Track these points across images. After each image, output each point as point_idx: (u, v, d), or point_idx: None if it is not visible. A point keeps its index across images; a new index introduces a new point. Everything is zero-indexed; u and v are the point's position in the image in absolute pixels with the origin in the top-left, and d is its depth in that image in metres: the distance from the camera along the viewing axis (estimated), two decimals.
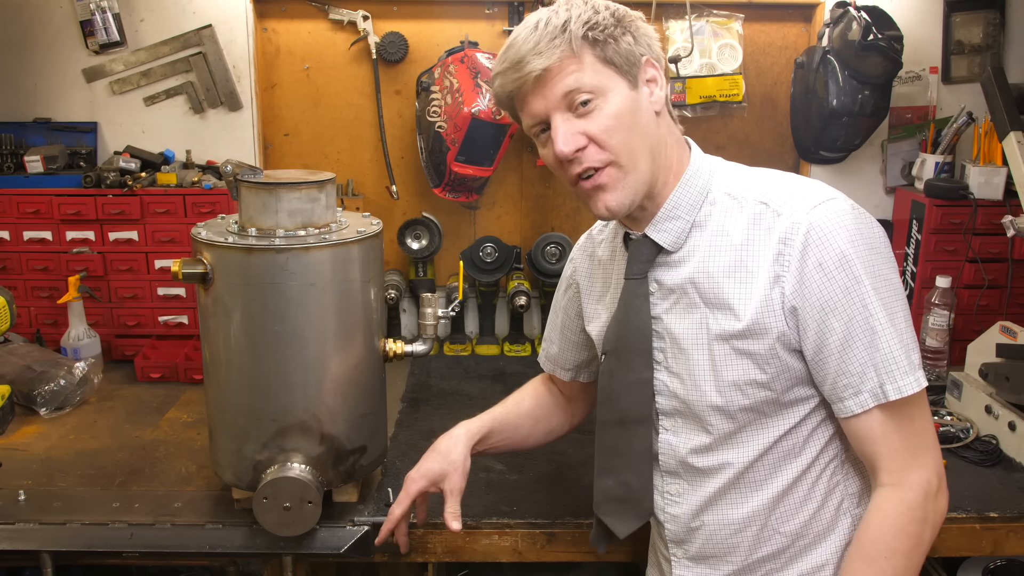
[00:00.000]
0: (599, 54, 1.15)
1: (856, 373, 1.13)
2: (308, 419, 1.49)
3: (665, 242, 1.24)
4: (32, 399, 2.01)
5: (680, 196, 1.23)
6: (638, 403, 1.28)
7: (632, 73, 1.17)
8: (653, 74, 1.21)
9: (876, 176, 2.56)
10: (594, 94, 1.15)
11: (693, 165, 1.25)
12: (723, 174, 1.26)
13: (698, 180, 1.24)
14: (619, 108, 1.16)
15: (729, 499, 1.25)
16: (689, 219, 1.23)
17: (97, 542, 1.56)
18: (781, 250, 1.14)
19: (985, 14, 2.46)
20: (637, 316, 1.26)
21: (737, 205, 1.21)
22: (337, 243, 1.45)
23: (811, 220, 1.13)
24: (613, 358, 1.31)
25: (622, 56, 1.16)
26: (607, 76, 1.16)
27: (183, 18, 2.40)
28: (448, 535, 1.59)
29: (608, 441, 1.34)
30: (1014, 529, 1.61)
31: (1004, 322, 1.92)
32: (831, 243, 1.12)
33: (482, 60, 2.33)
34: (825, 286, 1.12)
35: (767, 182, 1.22)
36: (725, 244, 1.20)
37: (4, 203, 2.25)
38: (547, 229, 2.61)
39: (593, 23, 1.15)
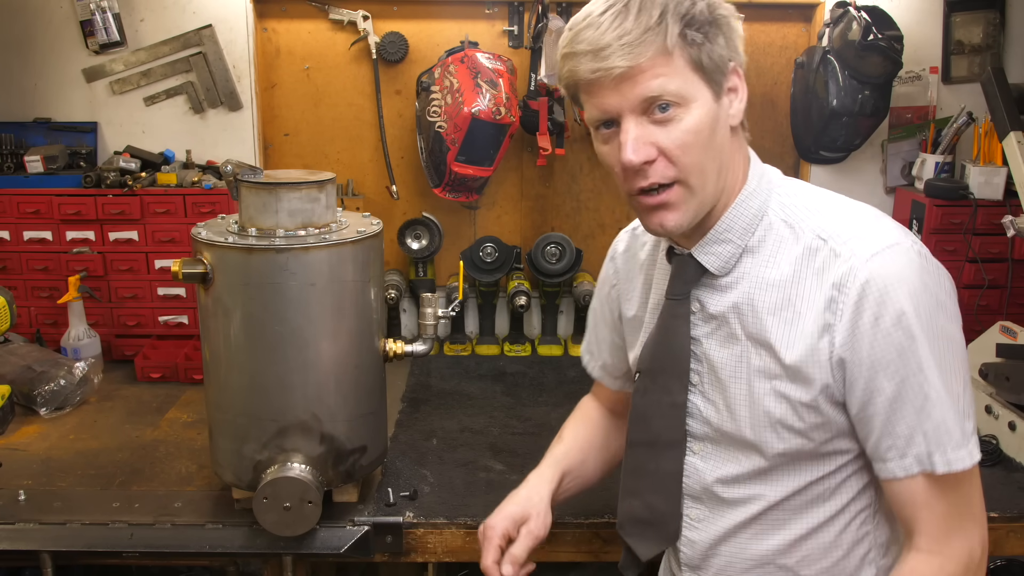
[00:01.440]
0: (691, 57, 1.02)
1: (903, 436, 1.03)
2: (308, 419, 1.49)
3: (712, 266, 1.13)
4: (32, 399, 2.01)
5: (733, 218, 1.12)
6: (671, 425, 1.20)
7: (718, 81, 1.05)
8: (736, 83, 1.08)
9: (876, 176, 2.56)
10: (677, 103, 1.02)
11: (751, 184, 1.13)
12: (782, 195, 1.13)
13: (754, 201, 1.12)
14: (699, 122, 1.03)
15: (750, 533, 1.17)
16: (740, 244, 1.12)
17: (97, 542, 1.56)
18: (835, 296, 1.04)
19: (985, 14, 2.46)
20: (676, 337, 1.18)
21: (792, 235, 1.09)
22: (337, 243, 1.45)
23: (871, 269, 1.02)
24: (648, 378, 1.23)
25: (713, 61, 1.03)
26: (694, 84, 1.03)
27: (183, 18, 2.40)
28: (448, 535, 1.59)
29: (636, 462, 1.26)
30: (1014, 529, 1.61)
31: (1004, 322, 1.92)
32: (890, 298, 1.01)
33: (482, 60, 2.33)
34: (879, 343, 1.02)
35: (828, 212, 1.10)
36: (774, 277, 1.09)
37: (4, 203, 2.25)
38: (547, 229, 2.61)
39: (691, 18, 1.00)
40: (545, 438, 1.93)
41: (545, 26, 2.31)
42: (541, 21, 2.31)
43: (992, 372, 1.88)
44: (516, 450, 1.88)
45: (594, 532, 1.60)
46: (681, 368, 1.18)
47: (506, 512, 1.32)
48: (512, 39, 2.49)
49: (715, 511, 1.20)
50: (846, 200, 1.14)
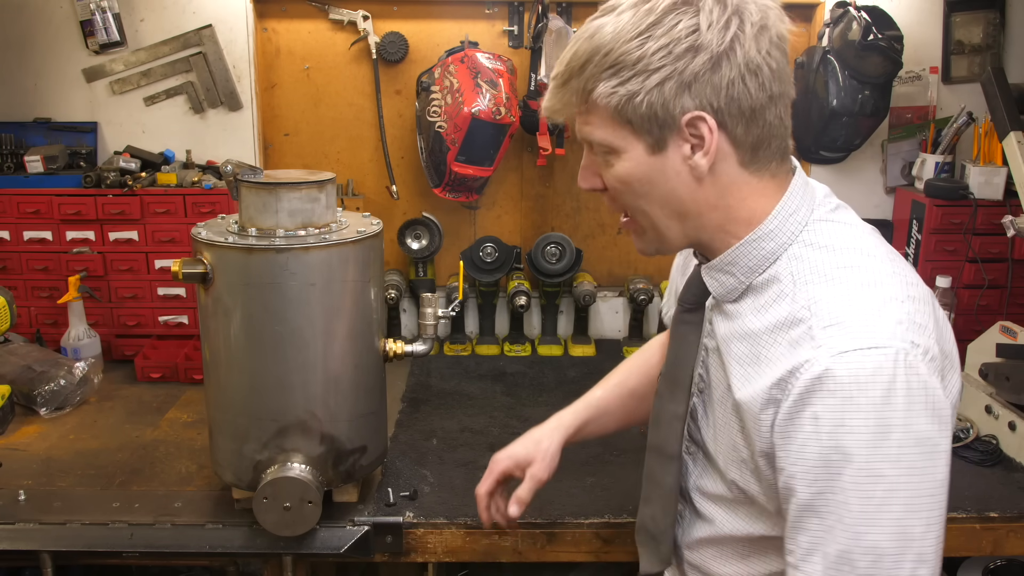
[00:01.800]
0: (614, 107, 0.96)
1: (804, 549, 0.93)
2: (308, 419, 1.50)
3: (714, 290, 1.08)
4: (32, 399, 2.01)
5: (738, 255, 1.04)
6: (671, 436, 1.18)
7: (656, 134, 0.97)
8: (702, 133, 0.96)
9: (876, 176, 2.56)
10: (607, 150, 1.01)
11: (769, 224, 1.02)
12: (808, 243, 1.02)
13: (768, 243, 1.02)
14: (627, 174, 1.00)
15: (713, 551, 1.17)
16: (745, 280, 1.04)
17: (97, 542, 1.56)
18: (788, 378, 0.93)
19: (985, 14, 2.46)
20: (683, 346, 1.15)
21: (791, 293, 0.99)
22: (337, 243, 1.45)
23: (833, 365, 0.89)
24: (663, 382, 1.21)
25: (643, 116, 0.95)
26: (619, 136, 0.98)
27: (183, 18, 2.40)
28: (448, 535, 1.59)
29: (650, 467, 1.25)
30: (1014, 529, 1.61)
31: (1004, 322, 1.92)
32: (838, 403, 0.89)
33: (482, 60, 2.33)
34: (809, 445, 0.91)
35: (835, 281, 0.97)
36: (759, 327, 1.01)
37: (4, 203, 2.25)
38: (547, 229, 2.61)
39: (619, 66, 0.94)
40: None
41: (545, 26, 2.31)
42: (541, 21, 2.31)
43: (992, 372, 1.88)
44: None
45: (594, 532, 1.60)
46: (685, 378, 1.15)
47: (512, 451, 1.37)
48: (512, 39, 2.49)
49: (691, 517, 1.21)
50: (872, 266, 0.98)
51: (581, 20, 2.47)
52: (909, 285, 0.97)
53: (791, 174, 1.07)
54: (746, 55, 0.95)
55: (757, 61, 0.96)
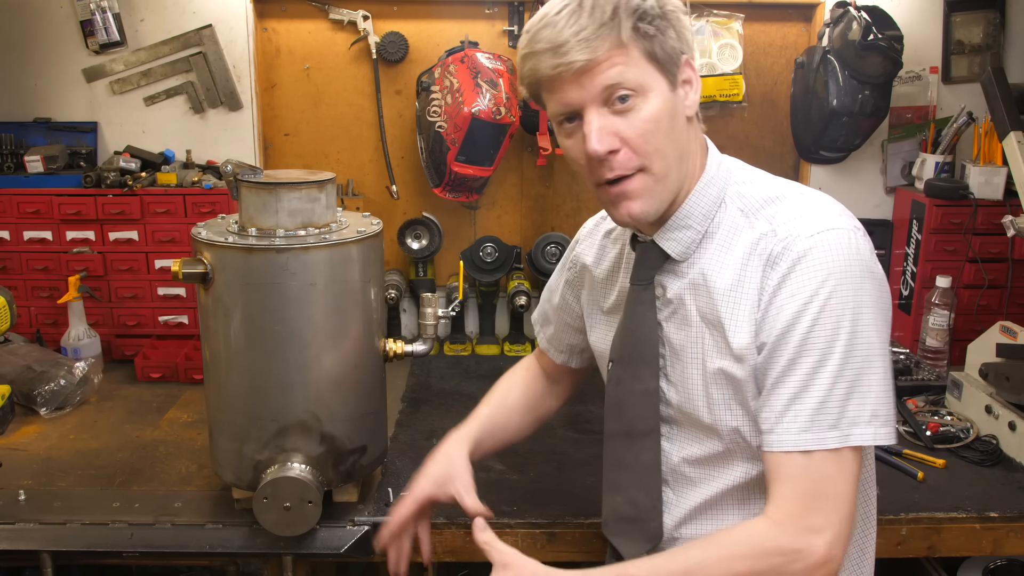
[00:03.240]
0: (646, 48, 1.06)
1: (778, 410, 1.06)
2: (308, 419, 1.49)
3: (673, 251, 1.17)
4: (32, 399, 2.01)
5: (693, 205, 1.16)
6: (645, 414, 1.22)
7: (673, 72, 1.09)
8: (690, 75, 1.12)
9: (876, 176, 2.56)
10: (636, 92, 1.06)
11: (708, 172, 1.17)
12: (739, 183, 1.18)
13: (712, 189, 1.17)
14: (659, 110, 1.08)
15: (710, 514, 1.20)
16: (700, 229, 1.16)
17: (97, 542, 1.56)
18: (767, 271, 1.09)
19: (985, 14, 2.46)
20: (643, 324, 1.21)
21: (747, 223, 1.14)
22: (337, 243, 1.45)
23: (804, 246, 1.07)
24: (620, 366, 1.26)
25: (667, 52, 1.07)
26: (650, 74, 1.07)
27: (183, 18, 2.40)
28: (448, 535, 1.59)
29: (615, 454, 1.29)
30: (1014, 529, 1.61)
31: (1004, 322, 1.92)
32: (815, 272, 1.05)
33: (482, 60, 2.33)
34: (790, 313, 1.06)
35: (780, 199, 1.14)
36: (727, 262, 1.13)
37: (4, 203, 2.25)
38: (547, 229, 2.61)
39: (642, 12, 1.05)
40: (545, 438, 1.94)
41: None
42: None
43: (992, 372, 1.88)
44: (516, 450, 1.88)
45: (594, 532, 1.60)
46: (651, 354, 1.21)
47: (429, 473, 1.37)
48: (512, 39, 2.49)
49: (679, 492, 1.23)
50: (800, 188, 1.17)
51: None
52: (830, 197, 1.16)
53: None
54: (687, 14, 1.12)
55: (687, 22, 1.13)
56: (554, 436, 1.95)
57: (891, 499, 1.63)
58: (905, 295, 2.45)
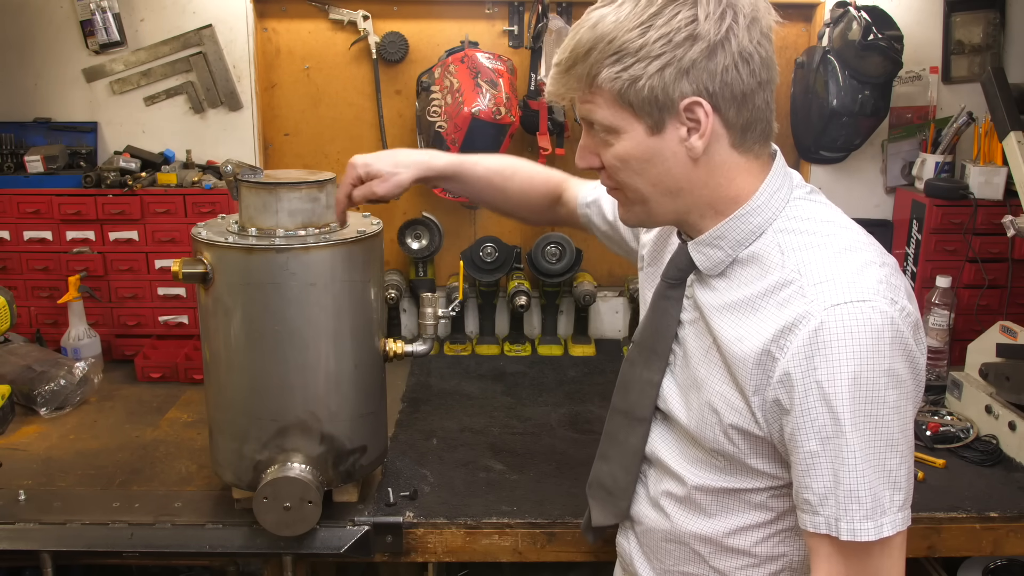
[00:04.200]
0: (617, 92, 1.03)
1: (818, 493, 1.03)
2: (308, 419, 1.49)
3: (701, 264, 1.16)
4: (32, 399, 2.01)
5: (728, 229, 1.12)
6: (643, 402, 1.26)
7: (656, 116, 1.04)
8: (699, 117, 1.04)
9: (876, 176, 2.56)
10: (608, 130, 1.07)
11: (756, 200, 1.11)
12: (791, 218, 1.11)
13: (755, 218, 1.11)
14: (626, 153, 1.07)
15: (675, 507, 1.23)
16: (731, 253, 1.13)
17: (97, 542, 1.56)
18: (784, 333, 1.03)
19: (985, 14, 2.46)
20: (664, 318, 1.22)
21: (780, 262, 1.08)
22: (337, 243, 1.45)
23: (826, 319, 0.99)
24: (636, 350, 1.28)
25: (644, 99, 1.02)
26: (621, 117, 1.05)
27: (183, 18, 2.40)
28: (448, 535, 1.59)
29: (613, 428, 1.33)
30: (1014, 529, 1.61)
31: (1004, 322, 1.92)
32: (834, 355, 0.99)
33: (482, 60, 2.33)
34: (811, 397, 1.01)
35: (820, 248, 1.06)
36: (749, 294, 1.10)
37: (4, 203, 2.25)
38: (547, 229, 2.61)
39: (622, 53, 1.01)
40: (545, 438, 1.94)
41: (545, 26, 2.31)
42: (541, 21, 2.31)
43: (992, 372, 1.88)
44: (516, 450, 1.88)
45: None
46: (663, 348, 1.23)
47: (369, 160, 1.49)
48: (512, 39, 2.49)
49: (655, 481, 1.27)
50: (850, 237, 1.09)
51: None
52: (882, 254, 1.09)
53: (773, 157, 1.15)
54: (739, 44, 1.02)
55: (749, 50, 1.03)
56: (554, 436, 1.96)
57: None
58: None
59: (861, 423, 0.99)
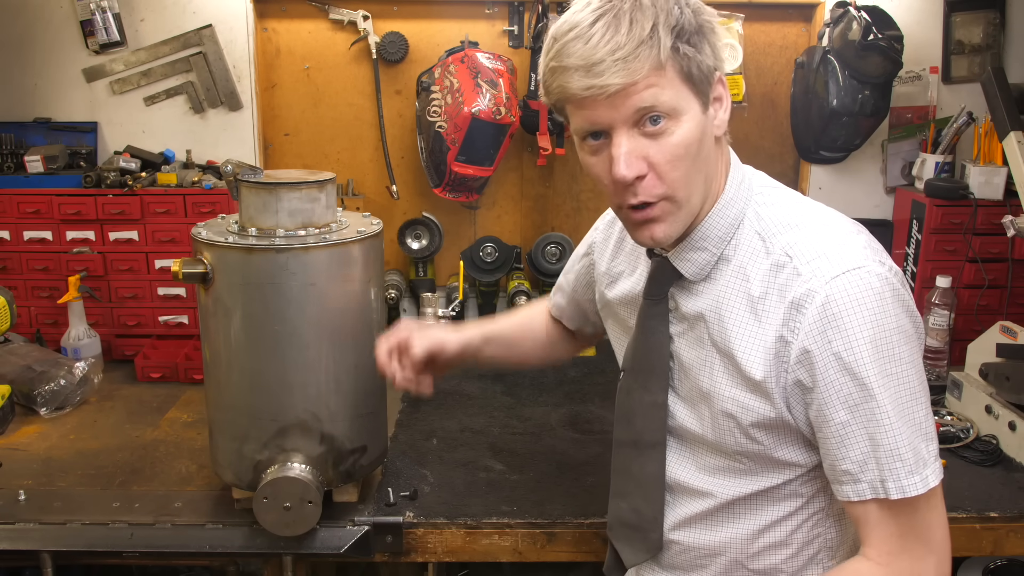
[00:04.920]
0: (682, 68, 1.00)
1: (856, 462, 1.04)
2: (308, 419, 1.50)
3: (687, 272, 1.14)
4: (32, 399, 2.01)
5: (710, 226, 1.11)
6: (652, 426, 1.22)
7: (705, 92, 1.03)
8: (720, 92, 1.06)
9: (876, 176, 2.56)
10: (669, 115, 1.00)
11: (729, 191, 1.12)
12: (759, 204, 1.12)
13: (731, 210, 1.11)
14: (689, 136, 1.02)
15: (705, 524, 1.21)
16: (716, 252, 1.12)
17: (97, 542, 1.56)
18: (793, 315, 1.04)
19: (985, 14, 2.46)
20: (654, 337, 1.20)
21: (763, 249, 1.09)
22: (337, 243, 1.45)
23: (828, 292, 1.01)
24: (631, 377, 1.25)
25: (702, 72, 1.01)
26: (684, 96, 1.01)
27: (183, 18, 2.40)
28: (448, 535, 1.59)
29: (622, 462, 1.29)
30: (1014, 529, 1.61)
31: (1004, 322, 1.92)
32: (845, 323, 1.00)
33: (482, 60, 2.33)
34: (831, 369, 1.02)
35: (801, 228, 1.08)
36: (742, 290, 1.09)
37: (4, 203, 2.25)
38: (547, 229, 2.61)
39: (680, 28, 0.98)
40: (545, 438, 1.94)
41: (545, 26, 2.31)
42: (541, 21, 2.31)
43: (992, 372, 1.88)
44: (516, 450, 1.88)
45: (594, 532, 1.60)
46: (661, 367, 1.20)
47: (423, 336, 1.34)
48: (512, 39, 2.49)
49: (675, 499, 1.24)
50: (822, 213, 1.12)
51: None
52: (852, 223, 1.11)
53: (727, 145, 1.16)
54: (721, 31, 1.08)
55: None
56: (554, 436, 1.96)
57: None
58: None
59: (887, 383, 1.01)
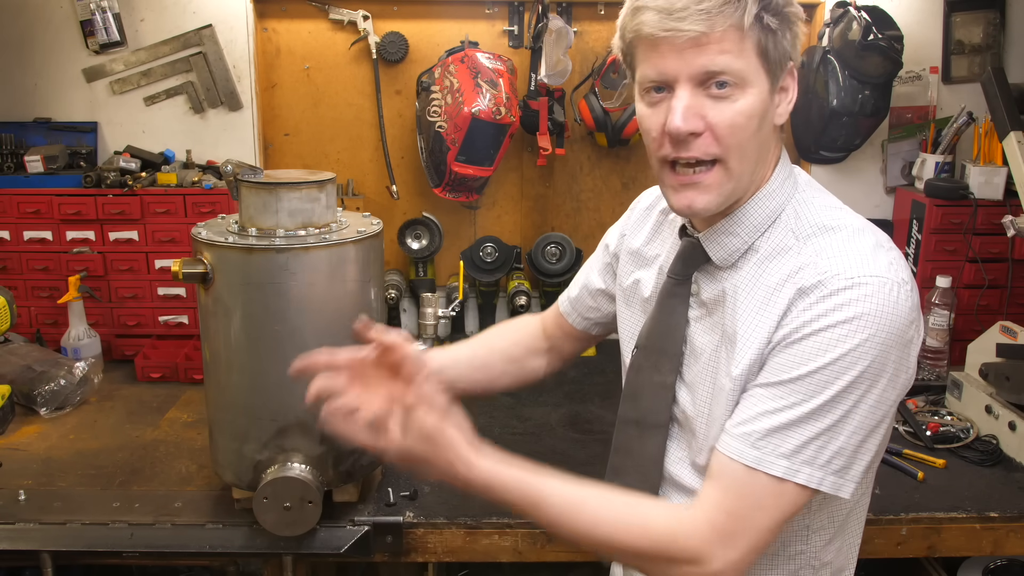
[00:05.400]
0: (761, 41, 1.02)
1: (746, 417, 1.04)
2: (308, 419, 1.49)
3: (716, 256, 1.14)
4: (32, 399, 2.01)
5: (747, 213, 1.11)
6: (658, 407, 1.21)
7: (777, 75, 1.05)
8: (789, 84, 1.09)
9: (876, 176, 2.56)
10: (737, 83, 1.02)
11: (773, 183, 1.12)
12: (800, 203, 1.12)
13: (772, 201, 1.12)
14: (752, 108, 1.03)
15: None
16: (748, 240, 1.12)
17: (97, 542, 1.56)
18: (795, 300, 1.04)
19: (985, 14, 2.46)
20: (672, 316, 1.19)
21: (796, 246, 1.09)
22: (337, 243, 1.45)
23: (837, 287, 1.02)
24: (643, 354, 1.24)
25: (779, 52, 1.04)
26: (756, 69, 1.03)
27: (183, 18, 2.40)
28: (448, 535, 1.59)
29: (623, 441, 1.28)
30: (1014, 529, 1.61)
31: (1004, 322, 1.92)
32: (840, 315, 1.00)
33: (482, 60, 2.33)
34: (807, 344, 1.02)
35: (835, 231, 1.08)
36: (762, 284, 1.09)
37: (4, 203, 2.25)
38: (547, 229, 2.61)
39: (768, 2, 1.01)
40: (545, 438, 1.94)
41: (545, 26, 2.31)
42: (541, 21, 2.31)
43: (992, 372, 1.88)
44: (516, 450, 1.86)
45: None
46: (675, 349, 1.19)
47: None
48: (512, 39, 2.49)
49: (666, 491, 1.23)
50: (860, 223, 1.10)
51: (581, 20, 2.47)
52: (887, 239, 1.10)
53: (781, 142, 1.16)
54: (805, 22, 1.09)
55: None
56: (554, 436, 1.95)
57: (891, 499, 1.64)
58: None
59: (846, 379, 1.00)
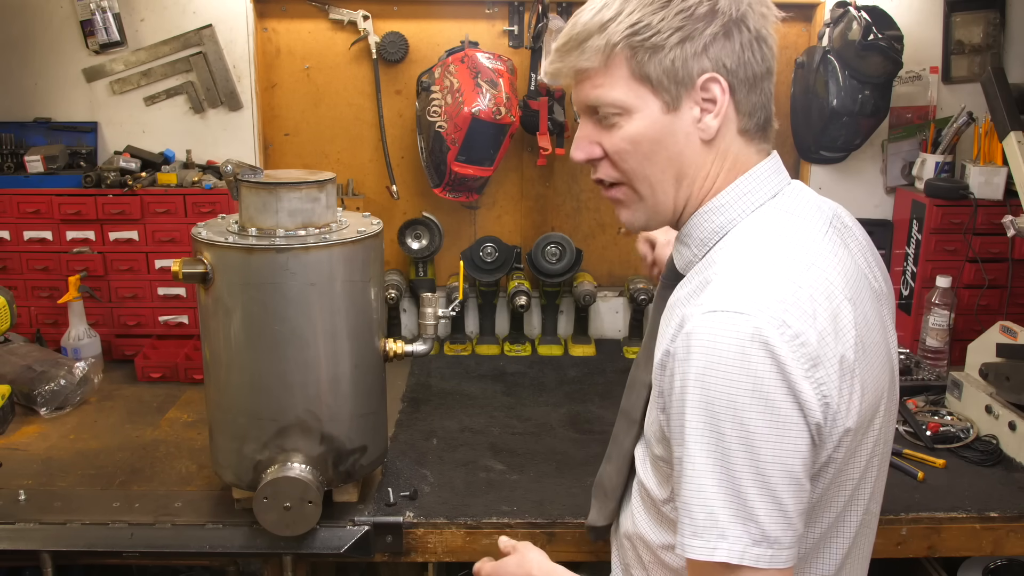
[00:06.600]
0: (635, 66, 1.01)
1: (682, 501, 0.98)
2: (308, 419, 1.50)
3: (677, 263, 1.15)
4: (32, 399, 2.01)
5: (693, 226, 1.10)
6: (637, 404, 1.25)
7: (673, 92, 1.02)
8: (714, 96, 1.03)
9: (876, 176, 2.56)
10: (620, 111, 1.04)
11: (722, 198, 1.07)
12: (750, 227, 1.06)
13: (719, 216, 1.08)
14: (639, 133, 1.04)
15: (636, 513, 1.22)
16: (698, 252, 1.10)
17: (97, 542, 1.56)
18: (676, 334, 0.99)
19: (985, 14, 2.46)
20: (656, 317, 1.21)
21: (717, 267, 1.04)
22: (337, 243, 1.45)
23: (697, 324, 0.95)
24: (642, 351, 1.29)
25: (664, 72, 1.01)
26: (637, 94, 1.02)
27: (183, 18, 2.40)
28: (448, 535, 1.59)
29: (617, 429, 1.31)
30: (1014, 529, 1.61)
31: (1004, 322, 1.92)
32: (692, 360, 0.94)
33: (482, 60, 2.33)
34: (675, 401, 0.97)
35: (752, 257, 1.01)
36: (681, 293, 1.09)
37: (4, 203, 2.25)
38: (547, 229, 2.61)
39: (641, 26, 1.00)
40: (545, 438, 1.94)
41: (545, 26, 2.31)
42: (541, 21, 2.31)
43: (992, 372, 1.88)
44: (516, 450, 1.88)
45: None
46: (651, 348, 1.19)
47: None
48: (512, 39, 2.49)
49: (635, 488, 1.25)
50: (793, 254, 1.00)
51: None
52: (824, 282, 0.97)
53: (767, 154, 1.11)
54: (755, 25, 1.03)
55: (763, 33, 1.04)
56: (554, 436, 1.96)
57: (891, 499, 1.63)
58: (905, 295, 2.45)
59: (707, 435, 0.93)
